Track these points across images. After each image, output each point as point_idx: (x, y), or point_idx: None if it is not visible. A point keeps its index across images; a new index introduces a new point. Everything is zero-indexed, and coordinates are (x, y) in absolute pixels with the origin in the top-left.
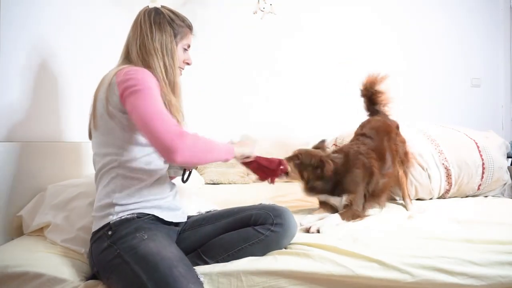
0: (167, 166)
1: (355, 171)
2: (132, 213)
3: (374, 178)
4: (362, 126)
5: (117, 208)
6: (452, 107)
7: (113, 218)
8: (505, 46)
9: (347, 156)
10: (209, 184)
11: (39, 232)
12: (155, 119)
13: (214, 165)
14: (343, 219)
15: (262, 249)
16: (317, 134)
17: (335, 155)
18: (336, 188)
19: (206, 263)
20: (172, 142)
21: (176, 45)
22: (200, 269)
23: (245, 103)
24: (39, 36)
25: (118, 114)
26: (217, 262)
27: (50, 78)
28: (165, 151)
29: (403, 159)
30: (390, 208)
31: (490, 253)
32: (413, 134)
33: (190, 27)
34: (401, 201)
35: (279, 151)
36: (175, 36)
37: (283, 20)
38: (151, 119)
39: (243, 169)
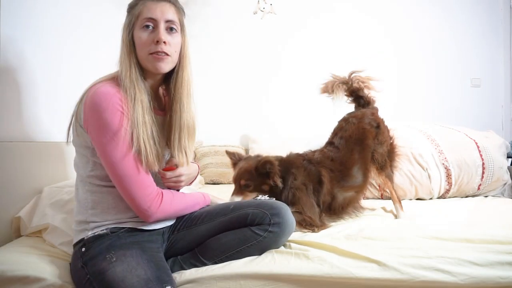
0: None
1: (286, 177)
2: (106, 228)
3: (323, 187)
4: (335, 133)
5: (91, 225)
6: (452, 107)
7: (87, 234)
8: (505, 46)
9: (283, 160)
10: (209, 184)
11: (37, 233)
12: (131, 182)
13: (214, 165)
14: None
15: (260, 250)
16: (318, 134)
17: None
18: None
19: (203, 263)
20: (148, 209)
21: (133, 29)
22: (197, 272)
23: (245, 103)
24: (34, 36)
25: (84, 135)
26: (215, 263)
27: (42, 77)
28: (140, 213)
29: (383, 163)
30: (388, 208)
31: (490, 253)
32: (413, 134)
33: None
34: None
35: (279, 151)
36: (129, 23)
37: (283, 20)
38: (126, 181)
39: None
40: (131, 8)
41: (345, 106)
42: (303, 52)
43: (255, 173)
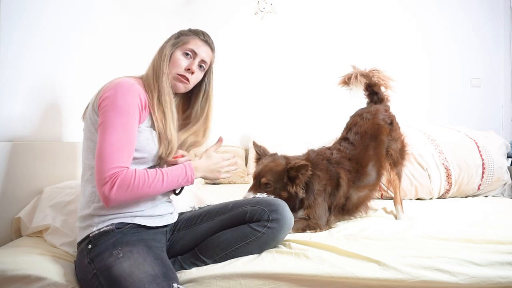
0: None
1: (312, 180)
2: (111, 224)
3: (340, 190)
4: (349, 128)
5: (96, 220)
6: (452, 107)
7: (92, 230)
8: (505, 46)
9: (308, 161)
10: (209, 184)
11: (38, 233)
12: (109, 151)
13: None
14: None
15: (259, 247)
16: (318, 134)
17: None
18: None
19: (203, 262)
20: (104, 186)
21: (174, 50)
22: (198, 272)
23: (245, 103)
24: (34, 35)
25: (96, 123)
26: (215, 261)
27: (43, 77)
28: (99, 188)
29: (397, 160)
30: (389, 208)
31: (490, 253)
32: (413, 134)
33: (196, 33)
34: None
35: (279, 151)
36: (176, 44)
37: (284, 20)
38: (103, 150)
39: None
40: (182, 35)
41: (355, 102)
42: (303, 52)
43: (281, 175)
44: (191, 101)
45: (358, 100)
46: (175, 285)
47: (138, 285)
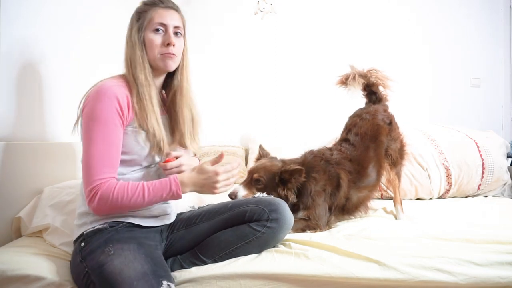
0: (152, 178)
1: (307, 184)
2: (105, 222)
3: (340, 191)
4: (348, 129)
5: (90, 217)
6: (452, 107)
7: (87, 228)
8: (505, 46)
9: (304, 165)
10: None
11: (38, 233)
12: (91, 164)
13: None
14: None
15: (259, 246)
16: (318, 133)
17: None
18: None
19: (203, 261)
20: (87, 198)
21: (144, 32)
22: (197, 271)
23: (245, 103)
24: (30, 35)
25: None
26: (215, 260)
27: (43, 77)
28: (87, 198)
29: (396, 159)
30: (388, 208)
31: (490, 253)
32: (413, 134)
33: (153, 4)
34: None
35: (279, 151)
36: (141, 26)
37: (284, 20)
38: (87, 163)
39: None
40: (141, 13)
41: (354, 102)
42: (303, 52)
43: (274, 176)
44: (175, 72)
45: (357, 100)
46: (164, 282)
47: (127, 281)
